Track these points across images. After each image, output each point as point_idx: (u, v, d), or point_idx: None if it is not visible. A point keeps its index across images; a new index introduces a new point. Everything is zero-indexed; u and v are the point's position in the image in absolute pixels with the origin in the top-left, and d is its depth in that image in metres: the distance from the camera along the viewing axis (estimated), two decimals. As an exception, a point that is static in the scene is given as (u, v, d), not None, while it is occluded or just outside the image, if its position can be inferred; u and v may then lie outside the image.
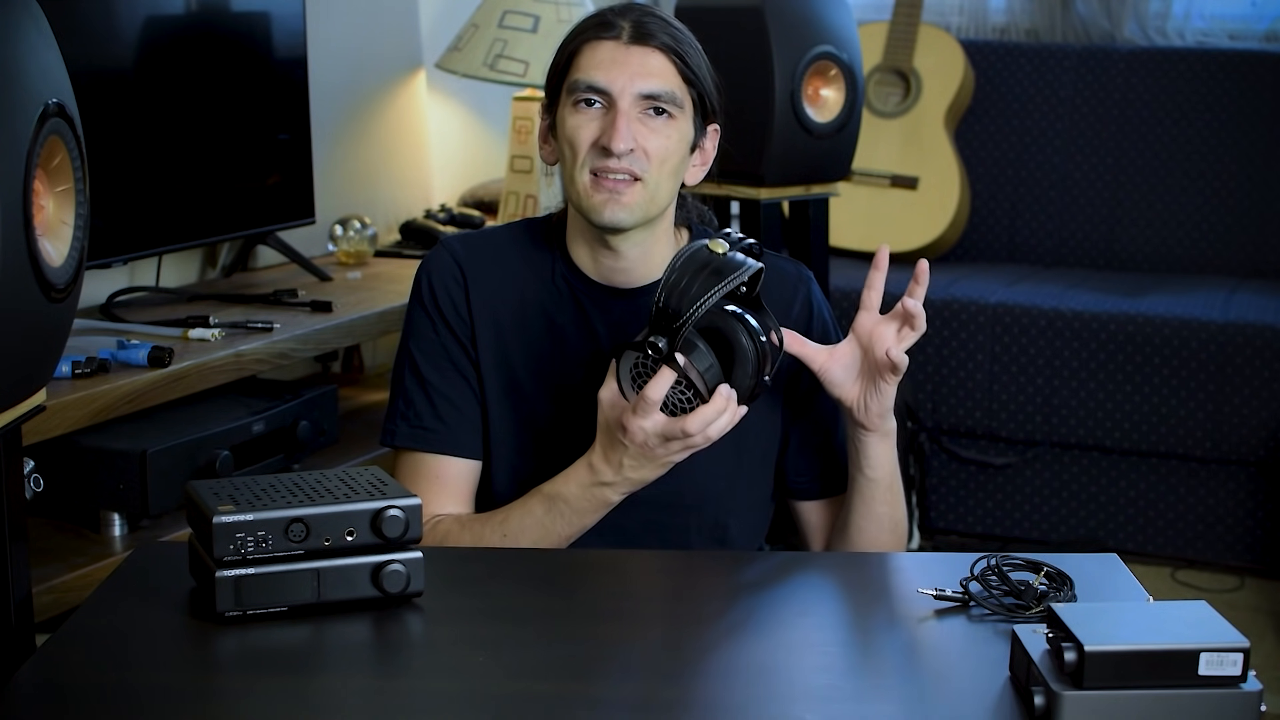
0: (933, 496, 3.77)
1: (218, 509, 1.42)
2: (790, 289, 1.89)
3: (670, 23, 1.81)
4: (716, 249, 1.62)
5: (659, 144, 1.77)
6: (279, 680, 1.36)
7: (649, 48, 1.78)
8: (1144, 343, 3.54)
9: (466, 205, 3.61)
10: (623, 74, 1.76)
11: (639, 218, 1.79)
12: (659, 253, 1.86)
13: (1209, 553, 3.57)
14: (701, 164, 1.87)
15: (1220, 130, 4.01)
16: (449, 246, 1.90)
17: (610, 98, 1.77)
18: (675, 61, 1.79)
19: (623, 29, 1.79)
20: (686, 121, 1.81)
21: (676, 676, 1.38)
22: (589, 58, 1.79)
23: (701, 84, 1.81)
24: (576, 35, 1.82)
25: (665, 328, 1.60)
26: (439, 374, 1.87)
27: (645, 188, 1.78)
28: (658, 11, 1.83)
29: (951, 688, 1.35)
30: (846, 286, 3.77)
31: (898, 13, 4.06)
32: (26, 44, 1.41)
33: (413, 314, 1.90)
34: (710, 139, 1.87)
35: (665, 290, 1.60)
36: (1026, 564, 1.52)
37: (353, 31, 3.47)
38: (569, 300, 1.86)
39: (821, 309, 1.91)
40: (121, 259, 2.56)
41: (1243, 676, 1.24)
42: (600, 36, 1.79)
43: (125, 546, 2.23)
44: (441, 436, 1.87)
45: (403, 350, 1.90)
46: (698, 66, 1.81)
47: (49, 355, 1.52)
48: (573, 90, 1.79)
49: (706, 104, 1.83)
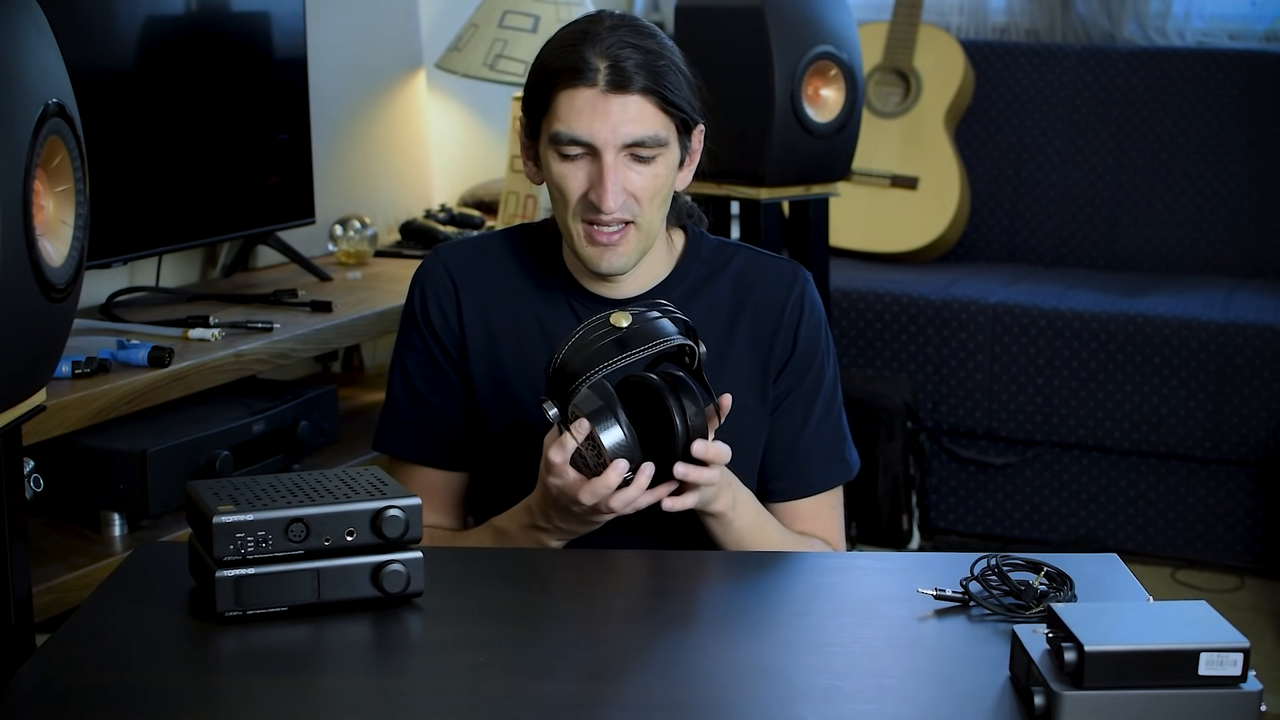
0: (933, 496, 3.77)
1: (218, 509, 1.42)
2: (784, 288, 1.88)
3: (644, 49, 1.74)
4: (619, 323, 1.59)
5: (647, 184, 1.76)
6: (279, 680, 1.36)
7: (628, 95, 1.72)
8: (1144, 343, 3.54)
9: (466, 205, 3.61)
10: (605, 125, 1.72)
11: (636, 258, 1.79)
12: (653, 261, 1.86)
13: (1209, 553, 3.58)
14: (690, 165, 1.86)
15: (1220, 130, 4.01)
16: (441, 256, 1.90)
17: (594, 149, 1.74)
18: (655, 101, 1.74)
19: (598, 73, 1.72)
20: (672, 150, 1.78)
21: (676, 676, 1.38)
22: (567, 107, 1.73)
23: (683, 108, 1.77)
24: (552, 76, 1.75)
25: (559, 392, 1.58)
26: (426, 385, 1.89)
27: (639, 230, 1.77)
28: (629, 39, 1.74)
29: (951, 688, 1.35)
30: (846, 286, 3.78)
31: (898, 13, 4.06)
32: (26, 44, 1.41)
33: (404, 324, 1.91)
34: (696, 139, 1.84)
35: (563, 353, 1.58)
36: (1026, 564, 1.52)
37: (353, 31, 3.47)
38: (563, 306, 1.86)
39: (814, 310, 1.89)
40: (121, 259, 2.56)
41: (1243, 676, 1.24)
42: (576, 84, 1.73)
43: (125, 546, 2.23)
44: (423, 447, 1.89)
45: (395, 356, 1.92)
46: (678, 89, 1.76)
47: (49, 355, 1.52)
48: (555, 140, 1.75)
49: (690, 120, 1.80)
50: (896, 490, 3.60)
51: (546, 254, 1.89)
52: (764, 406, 1.87)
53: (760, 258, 1.91)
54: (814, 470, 1.88)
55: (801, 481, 1.88)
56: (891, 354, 3.73)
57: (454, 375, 1.88)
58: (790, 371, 1.86)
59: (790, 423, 1.87)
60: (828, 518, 1.90)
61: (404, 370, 1.90)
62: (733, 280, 1.88)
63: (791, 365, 1.86)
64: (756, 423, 1.85)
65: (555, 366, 1.59)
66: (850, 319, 3.76)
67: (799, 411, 1.87)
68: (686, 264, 1.88)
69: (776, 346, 1.86)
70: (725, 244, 1.92)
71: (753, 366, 1.85)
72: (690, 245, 1.90)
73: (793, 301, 1.88)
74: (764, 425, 1.87)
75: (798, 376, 1.87)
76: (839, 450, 1.90)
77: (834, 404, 1.90)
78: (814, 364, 1.87)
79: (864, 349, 3.76)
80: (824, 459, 1.89)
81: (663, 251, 1.88)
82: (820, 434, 1.88)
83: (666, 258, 1.88)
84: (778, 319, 1.86)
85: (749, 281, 1.88)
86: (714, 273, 1.88)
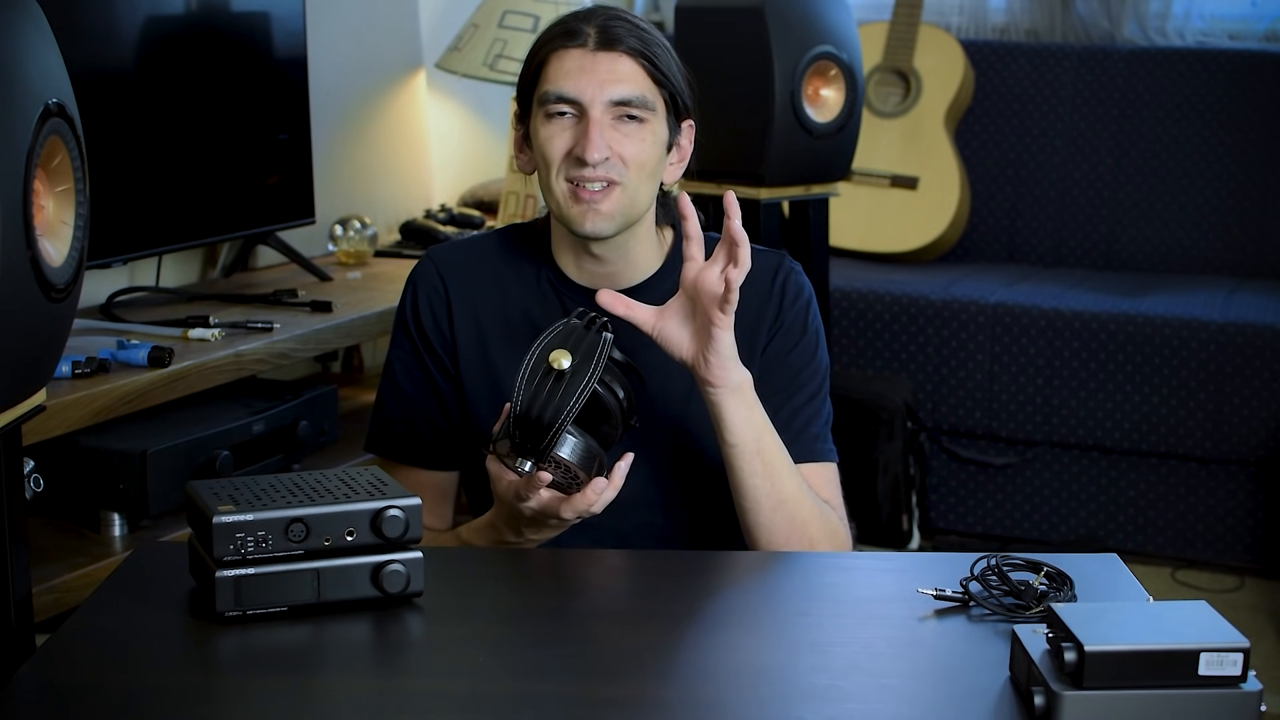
0: (933, 496, 3.77)
1: (218, 509, 1.42)
2: (769, 274, 1.87)
3: (636, 24, 1.80)
4: (560, 363, 1.61)
5: (634, 149, 1.77)
6: (279, 680, 1.36)
7: (617, 53, 1.77)
8: (1144, 343, 3.54)
9: (466, 205, 3.61)
10: (592, 82, 1.76)
11: (619, 224, 1.79)
12: (642, 254, 1.86)
13: (1209, 553, 3.58)
14: (679, 161, 1.87)
15: (1220, 130, 4.01)
16: (434, 258, 1.92)
17: (581, 107, 1.76)
18: (644, 64, 1.77)
19: (589, 35, 1.77)
20: (660, 123, 1.80)
21: (676, 676, 1.38)
22: (557, 67, 1.77)
23: (672, 83, 1.80)
24: (543, 44, 1.81)
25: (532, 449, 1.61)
26: (413, 386, 1.90)
27: (624, 192, 1.78)
28: (623, 14, 1.82)
29: (951, 688, 1.35)
30: (846, 286, 3.78)
31: (898, 13, 4.06)
32: (26, 44, 1.41)
33: (395, 325, 1.93)
34: (686, 135, 1.86)
35: (525, 402, 1.60)
36: (1026, 564, 1.52)
37: (353, 31, 3.47)
38: (554, 305, 1.86)
39: (800, 293, 1.88)
40: (121, 259, 2.56)
41: (1243, 676, 1.24)
42: (567, 45, 1.78)
43: (125, 546, 2.23)
44: (409, 447, 1.90)
45: (387, 356, 1.94)
46: (667, 66, 1.80)
47: (49, 355, 1.52)
48: (543, 101, 1.78)
49: (679, 102, 1.82)
50: (896, 490, 3.60)
51: (537, 252, 1.90)
52: None
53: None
54: (793, 441, 1.82)
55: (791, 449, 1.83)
56: (891, 354, 3.73)
57: (441, 378, 1.89)
58: (775, 345, 1.85)
59: (772, 390, 1.83)
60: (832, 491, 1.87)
61: (392, 371, 1.92)
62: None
63: (777, 340, 1.86)
64: None
65: (519, 419, 1.61)
66: (850, 319, 3.76)
67: (782, 380, 1.85)
68: (676, 259, 1.88)
69: (762, 325, 1.86)
70: (714, 238, 1.92)
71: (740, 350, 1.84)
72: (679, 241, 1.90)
73: (777, 285, 1.87)
74: None
75: (783, 350, 1.86)
76: (821, 432, 1.88)
77: (821, 389, 1.89)
78: (800, 340, 1.87)
79: (864, 349, 3.76)
80: (806, 435, 1.86)
81: (653, 247, 1.88)
82: (805, 411, 1.86)
83: (657, 253, 1.89)
84: (764, 300, 1.86)
85: None
86: None
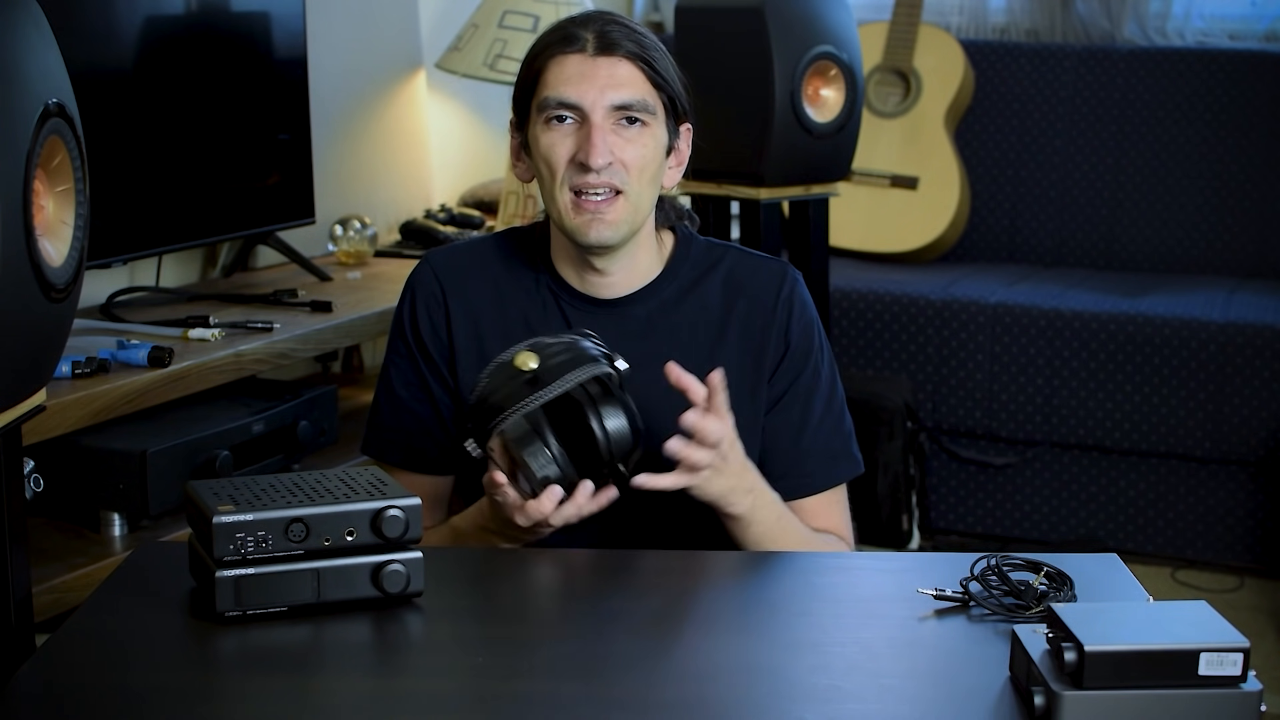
0: (933, 496, 3.77)
1: (218, 509, 1.42)
2: (773, 287, 1.88)
3: (633, 28, 1.80)
4: (525, 365, 1.62)
5: (636, 153, 1.77)
6: (279, 680, 1.36)
7: (616, 57, 1.77)
8: (1144, 343, 3.54)
9: (466, 205, 3.61)
10: (592, 87, 1.76)
11: (625, 233, 1.79)
12: (643, 260, 1.86)
13: (1209, 553, 3.57)
14: (677, 165, 1.87)
15: (1220, 130, 4.01)
16: (431, 262, 1.92)
17: (582, 112, 1.76)
18: (643, 68, 1.77)
19: (587, 41, 1.77)
20: (660, 127, 1.80)
21: (676, 676, 1.38)
22: (556, 73, 1.77)
23: (670, 87, 1.81)
24: (540, 51, 1.81)
25: (477, 431, 1.63)
26: (407, 391, 1.90)
27: (628, 200, 1.78)
28: (619, 18, 1.82)
29: (951, 688, 1.35)
30: (846, 287, 3.78)
31: (898, 13, 4.06)
32: (26, 44, 1.41)
33: (393, 330, 1.93)
34: (684, 139, 1.86)
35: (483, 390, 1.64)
36: (1026, 564, 1.52)
37: (353, 31, 3.47)
38: (553, 311, 1.86)
39: (804, 308, 1.89)
40: (121, 259, 2.56)
41: (1243, 676, 1.24)
42: (565, 51, 1.77)
43: (125, 546, 2.23)
44: (402, 451, 1.90)
45: (384, 360, 1.94)
46: (665, 70, 1.80)
47: (49, 355, 1.52)
48: (543, 108, 1.78)
49: (678, 105, 1.83)
50: (896, 490, 3.60)
51: (536, 256, 1.89)
52: (757, 406, 1.86)
53: (749, 257, 1.92)
54: (817, 469, 1.88)
55: (805, 480, 1.87)
56: (891, 354, 3.73)
57: (437, 385, 1.89)
58: (785, 370, 1.86)
59: (789, 422, 1.87)
60: (836, 514, 1.90)
61: (388, 375, 1.92)
62: (722, 280, 1.88)
63: (785, 364, 1.87)
64: (750, 423, 1.85)
65: (474, 402, 1.64)
66: (850, 319, 3.76)
67: (797, 410, 1.87)
68: (676, 265, 1.89)
69: (769, 346, 1.86)
70: (715, 244, 1.93)
71: (745, 366, 1.85)
72: (680, 246, 1.90)
73: (782, 299, 1.88)
74: (758, 425, 1.87)
75: (793, 375, 1.87)
76: (844, 447, 1.90)
77: (834, 402, 1.90)
78: (809, 362, 1.88)
79: (864, 349, 3.76)
80: (827, 457, 1.88)
81: (652, 252, 1.88)
82: (821, 432, 1.88)
83: (656, 258, 1.89)
84: (768, 318, 1.86)
85: (738, 281, 1.88)
86: (704, 273, 1.89)
